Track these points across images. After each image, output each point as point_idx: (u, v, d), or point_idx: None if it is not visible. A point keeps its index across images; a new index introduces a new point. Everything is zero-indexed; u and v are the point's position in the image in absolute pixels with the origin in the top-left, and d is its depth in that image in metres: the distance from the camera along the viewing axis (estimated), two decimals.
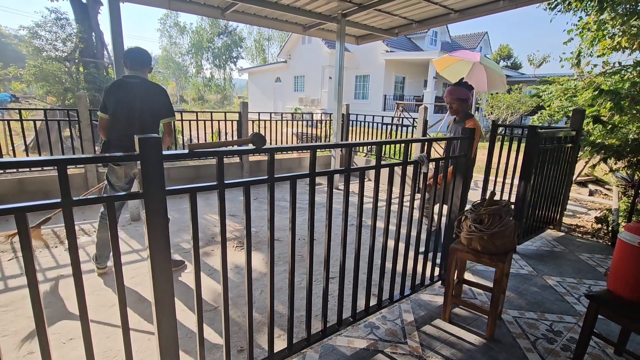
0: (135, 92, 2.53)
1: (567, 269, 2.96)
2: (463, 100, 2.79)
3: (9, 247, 3.17)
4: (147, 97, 2.56)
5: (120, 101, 2.52)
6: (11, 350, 1.90)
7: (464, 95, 2.79)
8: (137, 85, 2.54)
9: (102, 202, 1.11)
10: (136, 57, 2.60)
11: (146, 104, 2.55)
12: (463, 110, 2.83)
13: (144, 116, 2.56)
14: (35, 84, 10.27)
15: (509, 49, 31.07)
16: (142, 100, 2.54)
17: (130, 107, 2.53)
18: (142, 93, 2.54)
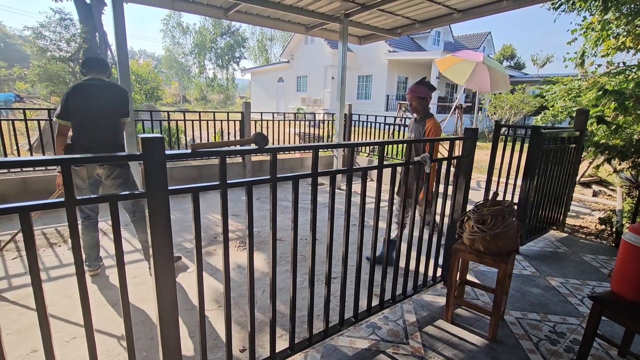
0: (97, 93, 2.53)
1: (570, 270, 2.95)
2: (422, 98, 2.76)
3: (13, 246, 3.19)
4: (109, 97, 2.57)
5: (83, 104, 2.50)
6: (14, 349, 1.91)
7: (422, 94, 2.75)
8: (98, 87, 2.56)
9: (106, 201, 1.11)
10: (94, 62, 2.63)
11: (108, 104, 2.56)
12: (423, 109, 2.80)
13: (107, 116, 2.56)
14: (40, 84, 10.35)
15: (512, 49, 30.95)
16: (104, 101, 2.54)
17: (93, 108, 2.52)
18: (104, 93, 2.56)
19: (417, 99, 2.77)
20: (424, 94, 2.76)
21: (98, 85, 2.55)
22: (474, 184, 6.28)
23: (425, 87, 2.77)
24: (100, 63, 2.66)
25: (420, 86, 2.78)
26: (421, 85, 2.78)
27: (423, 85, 2.79)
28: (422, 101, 2.78)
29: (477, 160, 8.19)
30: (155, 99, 10.97)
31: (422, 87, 2.77)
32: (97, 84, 2.55)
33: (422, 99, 2.77)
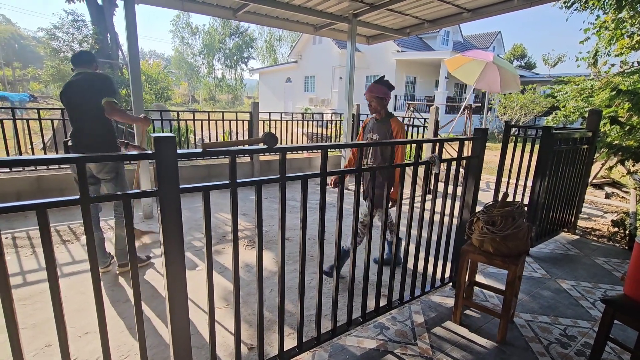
0: (77, 87, 2.56)
1: (581, 273, 2.90)
2: (381, 98, 2.63)
3: (27, 242, 3.26)
4: (88, 87, 2.55)
5: (68, 99, 2.56)
6: (29, 343, 1.96)
7: (381, 93, 2.62)
8: (79, 80, 2.57)
9: (118, 199, 1.13)
10: (78, 57, 2.67)
11: (87, 95, 2.54)
12: (383, 108, 2.68)
13: (88, 107, 2.54)
14: (53, 84, 10.54)
15: (522, 49, 30.56)
16: (83, 93, 2.54)
17: (76, 102, 2.55)
18: (84, 85, 2.55)
19: (375, 99, 2.64)
20: (383, 93, 2.63)
21: (78, 80, 2.56)
22: (484, 185, 6.21)
23: (384, 87, 2.64)
24: (83, 56, 2.67)
25: (379, 85, 2.64)
26: (379, 84, 2.65)
27: (381, 84, 2.65)
28: (381, 101, 2.65)
29: (486, 161, 8.11)
30: (165, 99, 11.10)
31: (380, 86, 2.64)
32: (78, 78, 2.56)
33: (381, 99, 2.65)
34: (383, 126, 2.68)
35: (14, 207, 0.97)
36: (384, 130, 2.67)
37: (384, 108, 2.69)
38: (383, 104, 2.67)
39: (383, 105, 2.67)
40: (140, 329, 1.28)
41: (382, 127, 2.69)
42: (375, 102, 2.66)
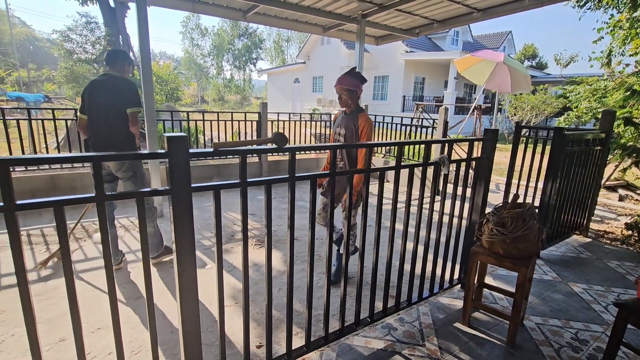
0: (101, 89, 2.62)
1: (594, 276, 2.85)
2: (350, 91, 2.48)
3: (41, 240, 3.34)
4: (112, 92, 2.61)
5: (90, 99, 2.63)
6: (44, 337, 2.00)
7: (351, 86, 2.47)
8: (104, 82, 2.63)
9: (133, 197, 1.16)
10: (108, 57, 2.74)
11: (111, 99, 2.61)
12: (353, 102, 2.53)
13: (109, 111, 2.61)
14: (66, 85, 10.76)
15: (534, 49, 30.14)
16: (107, 96, 2.61)
17: (97, 104, 2.62)
18: (108, 89, 2.62)
19: (345, 92, 2.50)
20: (353, 85, 2.48)
21: (103, 81, 2.63)
22: (493, 187, 6.15)
23: (355, 79, 2.49)
24: (111, 56, 2.74)
25: (349, 77, 2.49)
26: (350, 76, 2.50)
27: (352, 76, 2.50)
28: (350, 94, 2.50)
29: (496, 162, 8.01)
30: (175, 99, 11.25)
31: (350, 78, 2.49)
32: (103, 80, 2.64)
33: (351, 92, 2.49)
34: (351, 121, 2.54)
35: (33, 204, 1.00)
36: (351, 125, 2.53)
37: (354, 101, 2.54)
38: (353, 97, 2.52)
39: (353, 98, 2.53)
40: (152, 324, 1.30)
41: (349, 121, 2.55)
42: (345, 95, 2.51)
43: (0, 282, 2.59)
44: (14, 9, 46.32)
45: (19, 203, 0.96)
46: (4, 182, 0.94)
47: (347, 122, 2.56)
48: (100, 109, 2.62)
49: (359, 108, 2.58)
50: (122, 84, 2.66)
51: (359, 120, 2.50)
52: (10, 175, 0.94)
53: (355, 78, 2.50)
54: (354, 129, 2.50)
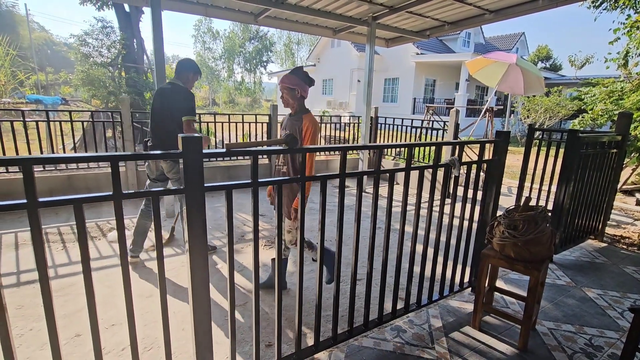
0: (163, 96, 2.88)
1: (609, 282, 2.79)
2: (291, 89, 2.31)
3: (58, 238, 3.43)
4: (171, 99, 2.85)
5: (153, 105, 2.94)
6: (60, 333, 2.05)
7: (292, 84, 2.29)
8: (166, 90, 2.89)
9: (149, 195, 1.19)
10: (177, 66, 2.99)
11: (168, 106, 2.84)
12: (297, 102, 2.35)
13: (166, 116, 2.86)
14: (82, 87, 11.02)
15: (547, 50, 29.63)
16: (166, 103, 2.85)
17: (158, 109, 2.89)
18: (168, 96, 2.86)
19: (285, 90, 2.34)
20: (293, 84, 2.30)
21: (166, 89, 2.89)
22: (505, 190, 6.06)
23: (295, 77, 2.32)
24: (178, 66, 2.98)
25: (291, 75, 2.33)
26: (292, 74, 2.34)
27: (294, 74, 2.33)
28: (291, 92, 2.33)
29: (508, 165, 7.89)
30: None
31: (292, 76, 2.32)
32: (167, 88, 2.91)
33: (292, 90, 2.32)
34: (295, 122, 2.36)
35: (55, 202, 1.04)
36: (295, 127, 2.34)
37: (296, 101, 2.36)
38: (295, 96, 2.34)
39: (295, 98, 2.35)
40: (165, 321, 1.33)
41: (294, 123, 2.36)
42: (286, 94, 2.35)
43: (20, 279, 2.67)
44: (33, 15, 47.78)
45: (41, 200, 1.00)
46: (27, 181, 0.98)
47: (292, 123, 2.38)
48: (159, 114, 2.89)
49: (304, 109, 2.41)
50: (181, 93, 2.88)
51: (303, 122, 2.32)
52: (33, 174, 0.98)
53: (297, 76, 2.33)
54: (298, 130, 2.32)
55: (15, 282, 2.61)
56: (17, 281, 2.63)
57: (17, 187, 4.18)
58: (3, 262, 2.88)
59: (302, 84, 2.34)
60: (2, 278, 2.67)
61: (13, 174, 4.34)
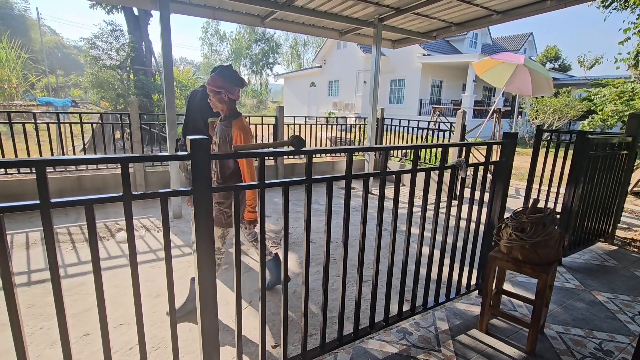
0: (195, 99, 3.08)
1: (619, 285, 2.75)
2: (217, 92, 2.10)
3: (68, 238, 3.49)
4: (201, 102, 3.00)
5: (187, 106, 3.15)
6: (69, 332, 2.09)
7: (217, 86, 2.09)
8: (198, 93, 3.09)
9: (157, 197, 1.21)
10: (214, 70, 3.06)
11: (198, 107, 3.02)
12: (225, 105, 2.15)
13: (196, 117, 3.06)
14: (92, 90, 11.19)
15: (556, 50, 29.30)
16: (196, 104, 3.05)
17: (189, 110, 3.13)
18: (199, 98, 3.04)
19: (212, 93, 2.13)
20: (219, 86, 2.08)
21: (198, 92, 3.10)
22: (513, 192, 6.01)
23: (221, 78, 2.09)
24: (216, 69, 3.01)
25: (215, 77, 2.10)
26: (217, 75, 2.11)
27: (219, 75, 2.11)
28: (217, 95, 2.11)
29: (516, 167, 7.82)
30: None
31: (216, 77, 2.10)
32: (199, 90, 3.10)
33: (217, 93, 2.10)
34: (225, 128, 2.15)
35: (67, 202, 1.06)
36: (224, 133, 2.14)
37: (225, 104, 2.15)
38: (222, 99, 2.13)
39: (222, 101, 2.14)
40: (172, 321, 1.34)
41: (224, 129, 2.16)
42: (212, 97, 2.15)
43: (30, 278, 2.72)
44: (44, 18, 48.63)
45: (53, 201, 1.02)
46: (40, 182, 1.00)
47: (221, 129, 2.17)
48: (190, 115, 3.11)
49: (234, 113, 2.20)
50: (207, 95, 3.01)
51: (232, 128, 2.11)
52: (46, 175, 1.01)
53: (223, 77, 2.10)
54: (227, 137, 2.12)
55: (26, 282, 2.66)
56: (27, 280, 2.68)
57: (28, 188, 4.26)
58: (14, 262, 2.94)
59: (229, 86, 2.11)
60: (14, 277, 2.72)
61: (24, 175, 4.42)
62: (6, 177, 4.27)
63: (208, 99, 2.26)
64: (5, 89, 10.25)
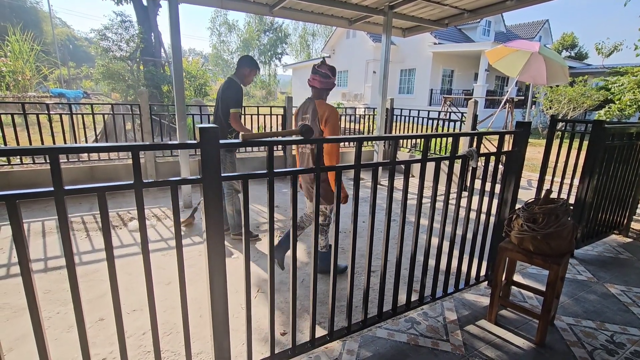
0: (220, 90, 3.24)
1: (633, 278, 2.70)
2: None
3: (82, 226, 3.57)
4: (223, 93, 3.17)
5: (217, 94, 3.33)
6: (84, 316, 2.15)
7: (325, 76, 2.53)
8: (223, 84, 3.23)
9: (168, 185, 1.22)
10: (239, 60, 3.27)
11: (221, 99, 3.17)
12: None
13: (219, 107, 3.21)
14: (103, 81, 11.30)
15: (573, 38, 28.34)
16: (220, 96, 3.19)
17: (217, 99, 3.30)
18: (223, 90, 3.20)
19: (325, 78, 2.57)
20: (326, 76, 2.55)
21: (224, 83, 3.24)
22: (525, 183, 5.91)
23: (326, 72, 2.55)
24: (241, 61, 3.24)
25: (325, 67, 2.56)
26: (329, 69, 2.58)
27: (330, 70, 2.58)
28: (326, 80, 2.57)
29: (529, 158, 7.67)
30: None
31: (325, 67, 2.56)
32: (224, 82, 3.23)
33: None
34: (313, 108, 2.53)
35: (80, 190, 1.08)
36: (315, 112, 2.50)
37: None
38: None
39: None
40: (184, 306, 1.37)
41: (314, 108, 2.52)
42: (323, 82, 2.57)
43: (47, 265, 2.80)
44: (55, 11, 49.04)
45: (67, 188, 1.04)
46: (54, 169, 1.02)
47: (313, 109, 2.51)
48: (216, 105, 3.27)
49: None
50: (233, 87, 3.14)
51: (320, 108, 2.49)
52: (59, 162, 1.02)
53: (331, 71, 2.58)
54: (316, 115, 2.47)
55: (43, 268, 2.74)
56: (44, 267, 2.76)
57: (43, 179, 4.35)
58: (31, 249, 3.02)
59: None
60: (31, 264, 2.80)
61: (39, 165, 4.52)
62: (22, 167, 4.37)
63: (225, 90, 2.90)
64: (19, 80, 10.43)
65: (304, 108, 2.58)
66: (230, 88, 3.14)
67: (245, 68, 3.21)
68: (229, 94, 3.12)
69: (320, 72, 2.51)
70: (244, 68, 3.21)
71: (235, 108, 3.09)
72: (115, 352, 1.86)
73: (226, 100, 3.11)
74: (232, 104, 3.08)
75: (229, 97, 3.11)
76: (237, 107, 3.10)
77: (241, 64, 3.22)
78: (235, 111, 3.09)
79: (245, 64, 3.21)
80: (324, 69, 2.52)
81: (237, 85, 3.16)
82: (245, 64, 3.21)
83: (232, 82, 3.16)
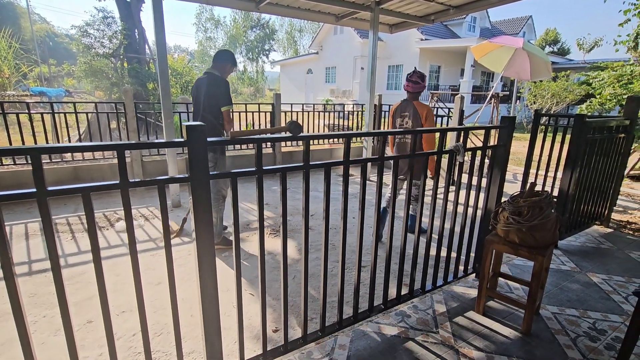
0: (200, 86, 3.02)
1: (614, 267, 2.79)
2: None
3: (67, 228, 3.49)
4: (208, 89, 2.95)
5: (193, 97, 3.11)
6: (72, 319, 2.11)
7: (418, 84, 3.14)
8: (203, 80, 3.00)
9: (155, 184, 1.21)
10: (217, 55, 3.09)
11: (206, 96, 2.95)
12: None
13: (204, 106, 2.98)
14: (85, 79, 11.01)
15: (556, 34, 28.91)
16: (204, 93, 2.96)
17: (196, 99, 3.05)
18: (205, 86, 2.95)
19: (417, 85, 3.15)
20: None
21: (203, 79, 3.00)
22: (510, 176, 6.03)
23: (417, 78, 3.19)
24: (216, 55, 3.08)
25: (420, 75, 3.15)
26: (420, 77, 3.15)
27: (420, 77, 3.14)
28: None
29: (514, 152, 7.82)
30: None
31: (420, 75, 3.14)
32: (203, 78, 3.01)
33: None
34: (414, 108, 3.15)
35: (63, 190, 1.06)
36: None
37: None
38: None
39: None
40: (174, 307, 1.36)
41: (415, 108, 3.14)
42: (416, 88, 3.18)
43: (32, 268, 2.73)
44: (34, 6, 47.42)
45: (50, 189, 1.02)
46: (36, 170, 0.99)
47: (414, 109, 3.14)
48: (198, 104, 3.03)
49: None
50: (219, 83, 2.97)
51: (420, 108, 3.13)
52: (41, 163, 1.00)
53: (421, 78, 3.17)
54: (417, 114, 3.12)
55: (27, 271, 2.68)
56: (29, 270, 2.70)
57: (25, 179, 4.23)
58: (15, 252, 2.94)
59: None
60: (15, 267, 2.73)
61: (20, 166, 4.39)
62: (2, 167, 4.24)
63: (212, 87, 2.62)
64: None
65: (402, 108, 3.23)
66: (216, 84, 2.96)
67: (228, 64, 3.07)
68: (217, 91, 2.94)
69: (412, 80, 3.12)
70: (226, 63, 3.06)
71: (228, 106, 2.97)
72: (105, 354, 1.84)
73: (215, 98, 2.94)
74: (224, 102, 2.95)
75: (217, 94, 2.94)
76: (229, 104, 2.98)
77: (222, 59, 3.05)
78: (228, 109, 2.98)
79: (227, 59, 3.07)
80: (415, 77, 3.12)
81: (222, 81, 2.99)
82: (227, 59, 3.07)
83: (216, 78, 2.98)
